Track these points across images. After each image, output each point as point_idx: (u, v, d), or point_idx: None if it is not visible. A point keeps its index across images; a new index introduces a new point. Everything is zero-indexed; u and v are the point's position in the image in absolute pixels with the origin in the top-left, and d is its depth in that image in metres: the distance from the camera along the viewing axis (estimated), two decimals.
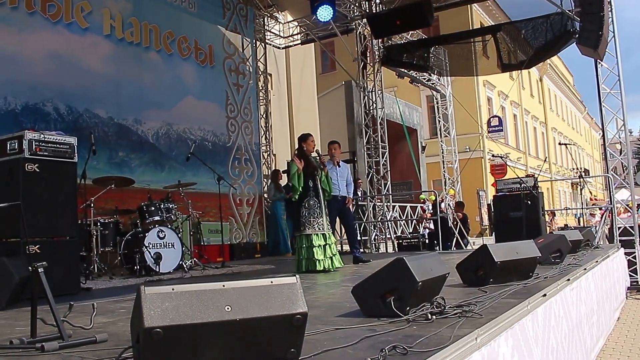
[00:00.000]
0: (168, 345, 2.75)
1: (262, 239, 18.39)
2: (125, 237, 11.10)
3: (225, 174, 16.10)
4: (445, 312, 4.48)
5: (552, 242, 9.07)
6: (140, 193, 13.03)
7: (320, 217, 10.64)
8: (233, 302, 2.93)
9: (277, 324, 3.02)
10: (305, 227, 10.55)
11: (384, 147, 20.75)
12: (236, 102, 17.93)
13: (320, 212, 10.65)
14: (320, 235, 10.56)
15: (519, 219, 13.59)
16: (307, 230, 10.51)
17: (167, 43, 15.65)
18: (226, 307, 2.89)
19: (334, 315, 4.95)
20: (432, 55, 19.66)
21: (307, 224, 10.54)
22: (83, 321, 4.41)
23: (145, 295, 2.77)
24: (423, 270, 4.62)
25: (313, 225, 10.55)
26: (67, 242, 8.23)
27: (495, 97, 43.92)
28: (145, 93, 14.89)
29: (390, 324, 4.19)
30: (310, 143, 10.96)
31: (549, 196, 52.00)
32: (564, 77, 67.17)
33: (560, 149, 60.54)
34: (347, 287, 6.11)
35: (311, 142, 11.00)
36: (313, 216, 10.58)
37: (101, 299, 7.07)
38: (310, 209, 10.60)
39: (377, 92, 20.82)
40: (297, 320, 3.05)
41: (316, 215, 10.60)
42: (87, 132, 11.92)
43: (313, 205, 10.63)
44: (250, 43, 19.07)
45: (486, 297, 5.31)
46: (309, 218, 10.56)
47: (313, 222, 10.57)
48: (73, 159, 8.27)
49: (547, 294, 5.83)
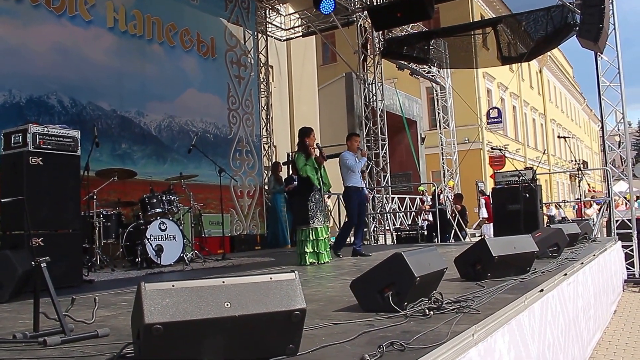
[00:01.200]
0: (168, 341, 2.77)
1: (262, 231, 18.38)
2: (127, 229, 11.12)
3: (227, 166, 16.07)
4: (442, 308, 4.50)
5: (550, 236, 9.07)
6: (143, 185, 13.03)
7: (322, 211, 10.73)
8: (232, 299, 2.95)
9: (276, 320, 3.04)
10: (313, 221, 10.56)
11: (383, 139, 20.75)
12: (237, 94, 17.91)
13: (322, 206, 10.73)
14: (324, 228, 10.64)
15: (516, 212, 13.57)
16: (315, 224, 10.54)
17: (169, 35, 15.63)
18: (225, 304, 2.91)
19: (333, 309, 4.97)
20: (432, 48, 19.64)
21: (315, 218, 10.57)
22: (85, 315, 4.42)
23: (145, 292, 2.79)
24: (421, 265, 4.64)
25: (320, 218, 10.62)
26: (70, 234, 8.27)
27: (494, 88, 43.84)
28: (147, 85, 14.88)
29: (388, 319, 4.21)
30: (312, 138, 10.95)
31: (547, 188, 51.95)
32: (564, 69, 67.02)
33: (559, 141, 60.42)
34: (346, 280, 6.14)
35: (313, 136, 10.99)
36: (319, 210, 10.64)
37: (103, 292, 7.11)
38: (317, 203, 10.63)
39: (377, 84, 20.81)
40: (295, 316, 3.07)
41: (321, 209, 10.70)
42: (90, 124, 11.98)
43: (318, 199, 10.69)
44: (252, 35, 19.03)
45: (483, 292, 5.32)
46: (316, 211, 10.60)
47: (320, 216, 10.63)
48: (76, 152, 8.30)
49: (544, 289, 5.85)
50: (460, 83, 33.03)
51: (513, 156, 41.03)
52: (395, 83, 30.03)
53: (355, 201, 12.11)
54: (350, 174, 12.05)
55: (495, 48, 17.35)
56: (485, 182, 34.82)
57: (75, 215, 8.38)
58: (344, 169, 12.09)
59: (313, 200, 10.63)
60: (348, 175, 12.08)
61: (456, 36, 18.76)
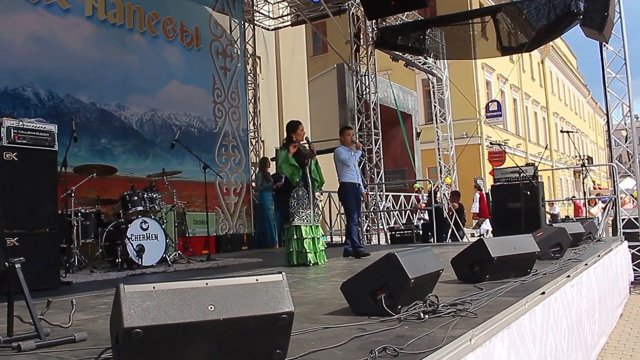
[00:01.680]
0: (149, 346, 2.76)
1: (249, 230, 18.41)
2: (107, 229, 11.11)
3: (212, 162, 16.12)
4: (438, 311, 4.49)
5: (552, 236, 9.06)
6: (123, 182, 13.01)
7: (308, 209, 10.63)
8: (216, 301, 2.94)
9: (262, 324, 3.03)
10: (294, 218, 10.54)
11: (377, 133, 20.77)
12: (223, 86, 17.91)
13: (308, 203, 10.63)
14: (309, 227, 10.58)
15: (517, 210, 13.58)
16: (296, 222, 10.51)
17: (151, 25, 15.61)
18: (209, 307, 2.91)
19: (323, 312, 4.98)
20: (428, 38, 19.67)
21: (296, 215, 10.54)
22: (62, 318, 4.41)
23: (124, 294, 2.78)
24: (415, 266, 4.64)
25: (302, 216, 10.56)
26: (47, 234, 8.25)
27: (494, 80, 43.91)
28: (128, 77, 14.88)
29: (380, 323, 4.21)
30: (300, 132, 10.86)
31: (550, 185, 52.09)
32: (567, 60, 67.14)
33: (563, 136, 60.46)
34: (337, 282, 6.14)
35: (301, 131, 10.90)
36: (302, 207, 10.58)
37: (81, 294, 7.11)
38: (299, 200, 10.58)
39: (371, 75, 20.83)
40: (283, 320, 3.07)
41: (305, 206, 10.59)
42: (68, 118, 11.98)
43: (302, 196, 10.62)
44: (239, 24, 19.03)
45: (482, 294, 5.32)
46: (298, 209, 10.55)
47: (302, 213, 10.56)
48: (53, 147, 8.26)
49: (546, 291, 5.85)
50: (458, 75, 33.05)
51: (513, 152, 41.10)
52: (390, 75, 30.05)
53: (352, 196, 12.02)
54: (345, 169, 11.95)
55: (494, 38, 17.36)
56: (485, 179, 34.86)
57: (52, 214, 8.36)
58: (339, 164, 12.02)
59: (295, 197, 10.59)
60: (343, 171, 11.99)
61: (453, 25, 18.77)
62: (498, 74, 43.59)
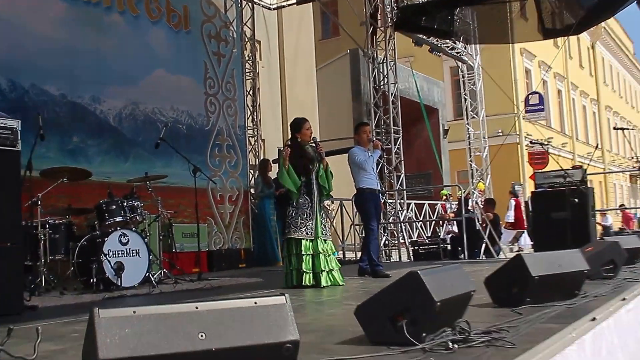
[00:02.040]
0: None
1: (247, 245, 18.39)
2: (80, 243, 11.04)
3: (203, 165, 16.06)
4: (470, 340, 4.48)
5: (604, 251, 9.03)
6: (99, 188, 13.00)
7: (311, 220, 10.48)
8: (208, 328, 2.94)
9: (262, 355, 3.03)
10: (290, 230, 10.47)
11: (397, 131, 20.69)
12: (217, 75, 17.91)
13: (311, 214, 10.51)
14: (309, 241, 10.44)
15: (562, 222, 13.55)
16: (293, 234, 10.43)
17: (132, 3, 15.58)
18: (200, 335, 2.91)
19: (334, 342, 4.97)
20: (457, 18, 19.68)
21: (292, 226, 10.45)
22: (25, 349, 4.40)
23: (99, 320, 2.78)
24: (442, 286, 4.63)
25: (301, 228, 10.42)
26: (8, 249, 8.17)
27: (535, 68, 43.85)
28: (105, 65, 14.84)
29: (402, 354, 4.21)
30: (305, 132, 10.78)
31: (602, 192, 51.95)
32: (623, 44, 66.91)
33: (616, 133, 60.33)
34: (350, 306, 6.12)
35: (307, 130, 10.82)
36: (301, 217, 10.46)
37: (49, 321, 7.11)
38: (298, 209, 10.51)
39: (390, 63, 20.72)
40: (286, 349, 3.07)
41: (305, 217, 10.47)
42: (33, 112, 11.92)
43: (302, 204, 10.52)
44: (235, 3, 19.06)
45: (521, 320, 5.32)
46: (296, 219, 10.45)
47: (301, 225, 10.44)
48: (15, 146, 8.21)
49: (597, 317, 5.83)
50: (493, 62, 33.01)
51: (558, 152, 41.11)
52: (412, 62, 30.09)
53: (371, 204, 11.96)
54: (362, 172, 11.87)
55: (535, 18, 17.34)
56: (524, 185, 34.82)
57: (15, 225, 8.33)
58: (355, 167, 11.94)
59: (294, 205, 10.53)
60: (360, 175, 11.91)
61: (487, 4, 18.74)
62: (540, 60, 43.52)
